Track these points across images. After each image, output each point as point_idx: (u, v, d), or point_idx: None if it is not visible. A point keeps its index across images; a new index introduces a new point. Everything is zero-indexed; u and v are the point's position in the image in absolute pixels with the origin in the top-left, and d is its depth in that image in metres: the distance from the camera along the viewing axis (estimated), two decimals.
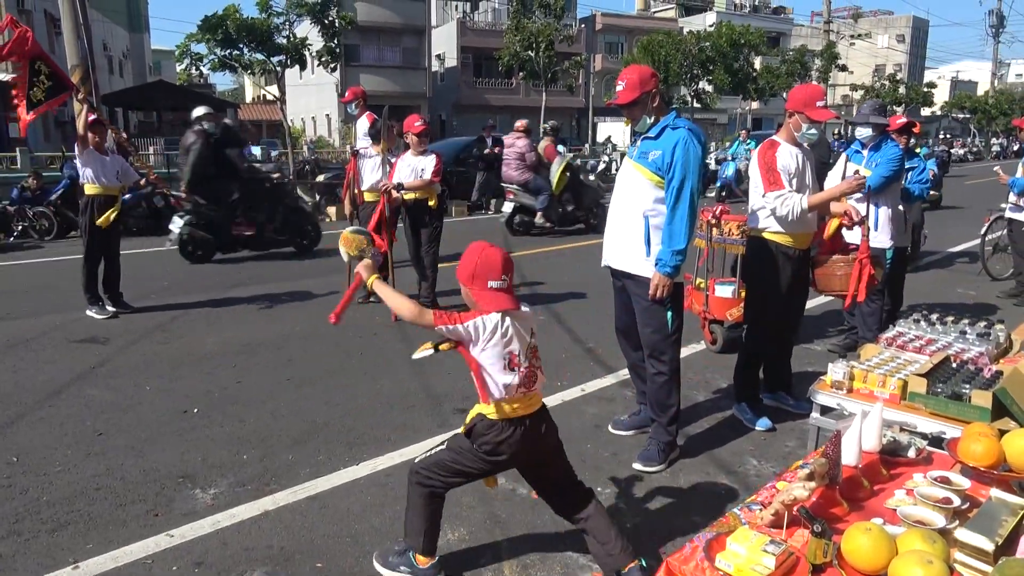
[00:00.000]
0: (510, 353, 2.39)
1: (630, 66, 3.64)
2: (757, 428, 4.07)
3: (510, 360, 2.39)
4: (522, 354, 2.42)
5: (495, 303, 2.36)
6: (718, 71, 26.79)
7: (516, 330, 2.40)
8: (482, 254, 2.40)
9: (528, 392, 2.45)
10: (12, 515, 3.14)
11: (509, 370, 2.38)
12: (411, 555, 2.66)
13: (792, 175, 3.83)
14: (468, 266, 2.40)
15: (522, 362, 2.41)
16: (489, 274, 2.37)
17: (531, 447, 2.50)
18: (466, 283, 2.42)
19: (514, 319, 2.41)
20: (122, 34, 39.88)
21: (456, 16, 41.88)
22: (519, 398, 2.43)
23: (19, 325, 6.10)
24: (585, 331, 6.00)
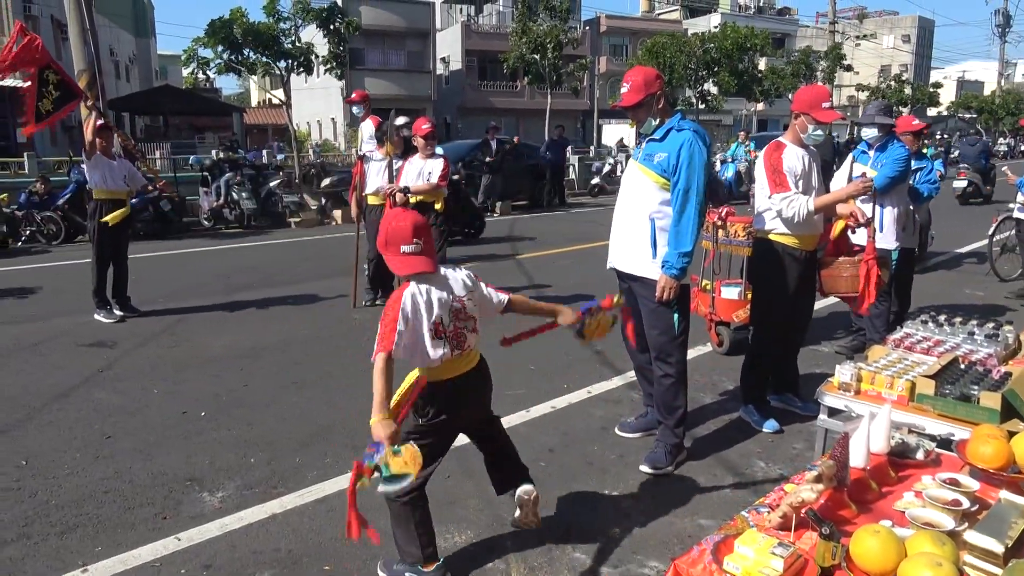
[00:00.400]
0: (434, 323, 2.44)
1: (635, 68, 3.64)
2: (764, 430, 4.06)
3: (435, 330, 2.45)
4: (445, 317, 2.47)
5: (408, 266, 2.43)
6: (723, 73, 26.75)
7: (434, 297, 2.45)
8: (393, 221, 2.46)
9: (461, 354, 2.54)
10: (22, 518, 3.15)
11: (437, 338, 2.45)
12: (417, 566, 2.65)
13: (798, 177, 3.82)
14: (382, 235, 2.48)
15: (447, 326, 2.47)
16: (400, 240, 2.42)
17: (471, 403, 2.66)
18: (382, 251, 2.50)
19: (431, 284, 2.46)
20: (128, 39, 40.07)
21: (460, 19, 41.95)
22: (453, 360, 2.51)
23: (27, 329, 6.13)
24: None
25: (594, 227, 12.65)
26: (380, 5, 35.27)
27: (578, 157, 21.38)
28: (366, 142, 8.19)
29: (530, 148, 17.55)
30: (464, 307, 2.54)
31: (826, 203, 3.85)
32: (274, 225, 13.20)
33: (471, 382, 2.63)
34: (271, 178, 13.79)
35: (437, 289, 2.48)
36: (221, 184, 12.85)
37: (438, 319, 2.46)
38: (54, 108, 5.92)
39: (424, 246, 2.46)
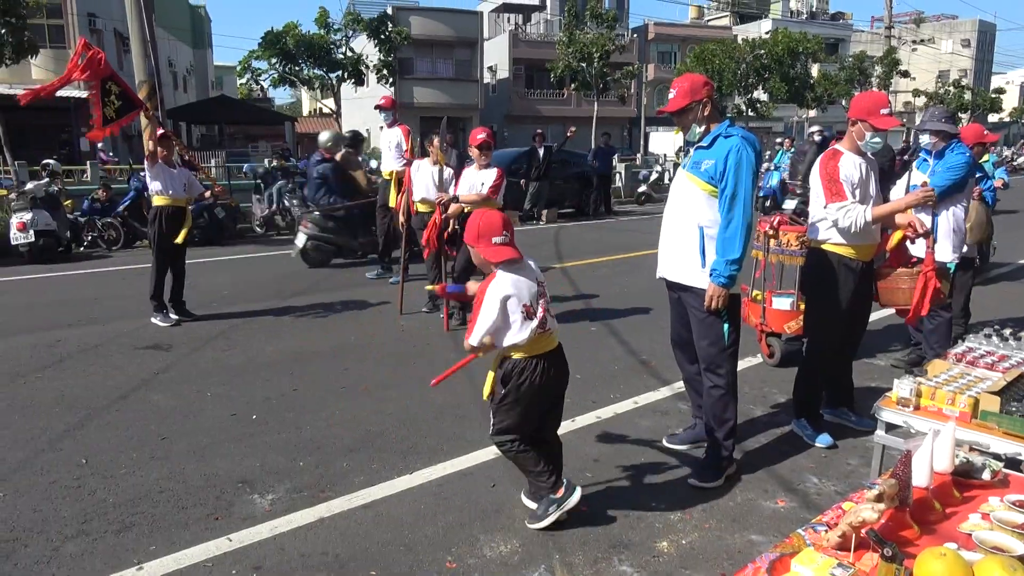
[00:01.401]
0: (524, 306, 2.80)
1: (684, 75, 3.61)
2: (817, 445, 3.95)
3: (526, 311, 2.81)
4: (533, 300, 2.83)
5: (500, 254, 2.80)
6: (774, 79, 26.34)
7: (523, 282, 2.82)
8: (484, 217, 2.87)
9: (544, 332, 2.88)
10: (81, 515, 3.25)
11: (528, 319, 2.81)
12: (549, 497, 3.07)
13: (855, 185, 3.71)
14: (473, 229, 2.85)
15: (536, 308, 2.83)
16: (492, 232, 2.82)
17: (554, 381, 2.97)
18: (474, 243, 2.85)
19: (519, 271, 2.84)
20: (186, 51, 41.32)
21: (508, 28, 42.18)
22: (539, 338, 2.87)
23: (88, 332, 6.34)
24: (638, 343, 5.93)
25: (641, 236, 12.56)
26: (429, 15, 35.69)
27: (625, 165, 21.26)
28: (389, 150, 8.26)
29: (576, 156, 17.51)
30: (544, 291, 2.92)
31: (884, 213, 3.74)
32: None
33: (554, 360, 2.97)
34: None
35: (525, 275, 2.85)
36: (273, 192, 13.13)
37: (529, 302, 2.81)
38: (116, 116, 6.18)
39: (511, 238, 2.84)
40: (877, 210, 3.71)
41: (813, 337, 4.10)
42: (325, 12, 15.47)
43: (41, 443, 4.01)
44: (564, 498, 3.08)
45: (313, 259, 9.58)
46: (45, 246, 10.11)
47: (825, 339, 4.00)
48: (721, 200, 3.31)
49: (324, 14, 15.47)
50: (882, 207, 3.76)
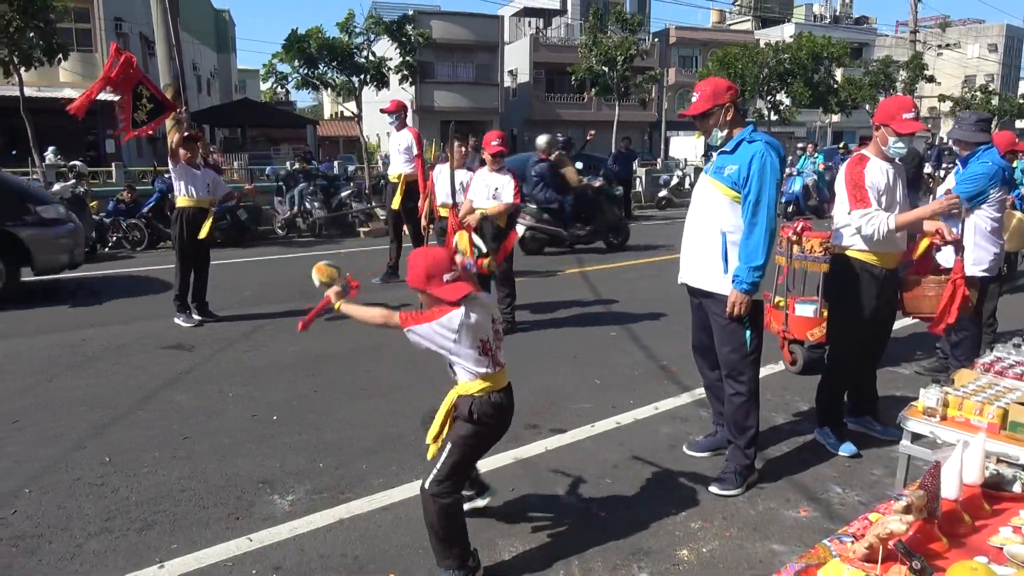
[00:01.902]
0: (481, 341, 2.61)
1: (707, 78, 3.59)
2: (840, 454, 3.90)
3: (482, 347, 2.62)
4: (491, 339, 2.65)
5: (456, 292, 2.55)
6: (797, 84, 26.12)
7: (480, 317, 2.60)
8: (425, 258, 2.62)
9: (500, 370, 2.70)
10: (104, 513, 3.29)
11: (484, 355, 2.63)
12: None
13: (881, 192, 3.66)
14: (419, 270, 2.59)
15: (492, 345, 2.65)
16: (441, 270, 2.57)
17: (507, 417, 2.77)
18: (423, 286, 2.59)
19: (476, 305, 2.61)
20: (210, 55, 41.80)
21: (529, 32, 42.25)
22: (495, 374, 2.67)
23: (113, 331, 6.42)
24: (658, 348, 5.90)
25: (660, 240, 12.51)
26: (450, 19, 35.86)
27: (645, 169, 21.19)
28: (398, 153, 8.28)
29: (596, 160, 17.47)
30: (498, 327, 2.72)
31: (909, 220, 3.68)
32: (344, 234, 13.50)
33: (506, 399, 2.75)
34: (342, 188, 14.12)
35: (482, 310, 2.63)
36: (295, 194, 13.24)
37: (485, 337, 2.63)
38: (148, 119, 6.28)
39: (461, 272, 2.61)
40: (901, 217, 3.64)
41: (836, 344, 4.05)
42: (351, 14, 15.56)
43: (66, 441, 4.06)
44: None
45: (530, 247, 10.85)
46: None
47: (848, 347, 3.95)
48: (744, 206, 3.28)
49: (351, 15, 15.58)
50: (906, 214, 3.70)
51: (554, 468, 3.75)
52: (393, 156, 8.50)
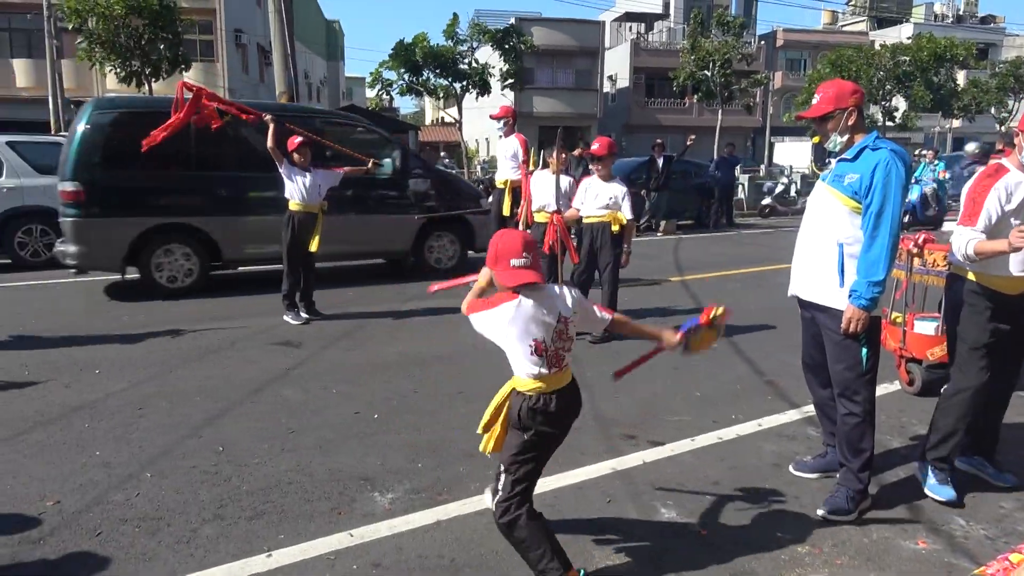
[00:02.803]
0: (533, 341, 2.50)
1: (832, 80, 3.42)
2: (933, 496, 3.45)
3: (535, 347, 2.51)
4: (548, 339, 2.52)
5: (516, 278, 2.47)
6: (916, 87, 24.70)
7: (534, 311, 2.50)
8: (503, 238, 2.58)
9: (558, 372, 2.58)
10: (217, 500, 3.45)
11: (536, 354, 2.51)
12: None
13: (1013, 210, 3.23)
14: (492, 250, 2.57)
15: (548, 347, 2.53)
16: (510, 254, 2.50)
17: (561, 421, 2.63)
18: (491, 266, 2.58)
19: (536, 297, 2.51)
20: (321, 63, 43.65)
21: (630, 37, 41.87)
22: (549, 376, 2.56)
23: (228, 327, 6.77)
24: (763, 362, 5.69)
25: (765, 250, 12.09)
26: (551, 25, 36.00)
27: (748, 176, 20.56)
28: (505, 159, 8.31)
29: (697, 166, 17.11)
30: (567, 328, 2.58)
31: (988, 251, 3.18)
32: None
33: (566, 398, 2.63)
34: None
35: (542, 307, 2.53)
36: None
37: (540, 338, 2.52)
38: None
39: (532, 261, 2.52)
40: (980, 245, 3.18)
41: (955, 377, 3.56)
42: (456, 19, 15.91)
43: (184, 429, 4.30)
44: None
45: None
46: None
47: (966, 380, 3.47)
48: (865, 217, 3.10)
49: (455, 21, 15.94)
50: (986, 244, 3.18)
51: (652, 481, 3.67)
52: (500, 162, 8.59)
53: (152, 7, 13.51)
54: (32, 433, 4.22)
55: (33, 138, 11.33)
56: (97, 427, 4.32)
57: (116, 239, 7.72)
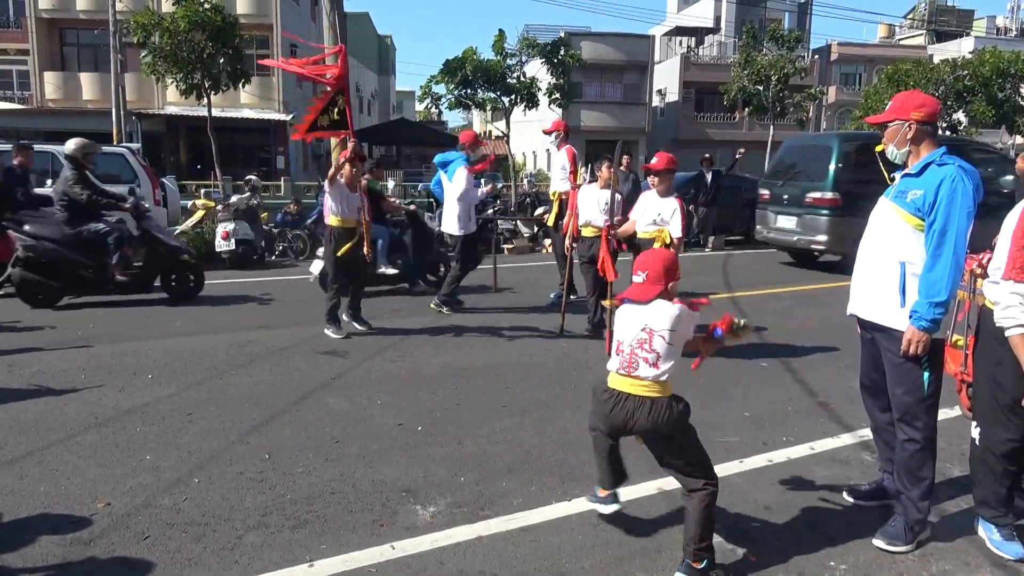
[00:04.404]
0: (617, 341, 2.98)
1: (910, 91, 3.30)
2: (1000, 553, 3.16)
3: (616, 346, 2.98)
4: (627, 343, 2.92)
5: (630, 293, 2.98)
6: (977, 102, 23.94)
7: (627, 320, 2.96)
8: (649, 255, 3.07)
9: (628, 374, 2.91)
10: (262, 507, 3.47)
11: (615, 354, 2.98)
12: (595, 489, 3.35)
13: None
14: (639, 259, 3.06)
15: (624, 349, 2.92)
16: (637, 268, 3.00)
17: (617, 420, 2.94)
18: (672, 281, 3.02)
19: (633, 310, 2.95)
20: (372, 77, 44.42)
21: (680, 51, 41.59)
22: (618, 376, 2.95)
23: (276, 335, 6.87)
24: (815, 383, 5.52)
25: (818, 267, 11.81)
26: (601, 40, 36.02)
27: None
28: (560, 171, 8.32)
29: (747, 181, 16.83)
30: (650, 339, 2.88)
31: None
32: (488, 251, 13.76)
33: (627, 404, 2.91)
34: (488, 206, 14.44)
35: (637, 316, 2.93)
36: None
37: (621, 339, 2.95)
38: (327, 127, 6.60)
39: (650, 280, 2.94)
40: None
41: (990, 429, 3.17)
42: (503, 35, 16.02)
43: (231, 435, 4.36)
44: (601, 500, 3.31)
45: None
46: (244, 254, 11.16)
47: (1007, 432, 3.11)
48: (928, 235, 2.98)
49: (501, 36, 16.05)
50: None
51: None
52: (553, 174, 8.63)
53: (215, 22, 13.92)
54: (86, 435, 4.32)
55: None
56: (148, 431, 4.40)
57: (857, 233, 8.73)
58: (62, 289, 7.98)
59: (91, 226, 7.89)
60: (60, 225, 7.84)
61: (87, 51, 28.45)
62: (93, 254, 7.90)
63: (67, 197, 7.78)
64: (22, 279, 7.75)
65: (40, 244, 7.71)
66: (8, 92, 29.59)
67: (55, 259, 7.78)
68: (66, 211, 7.81)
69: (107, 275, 7.96)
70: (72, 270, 7.88)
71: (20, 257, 7.71)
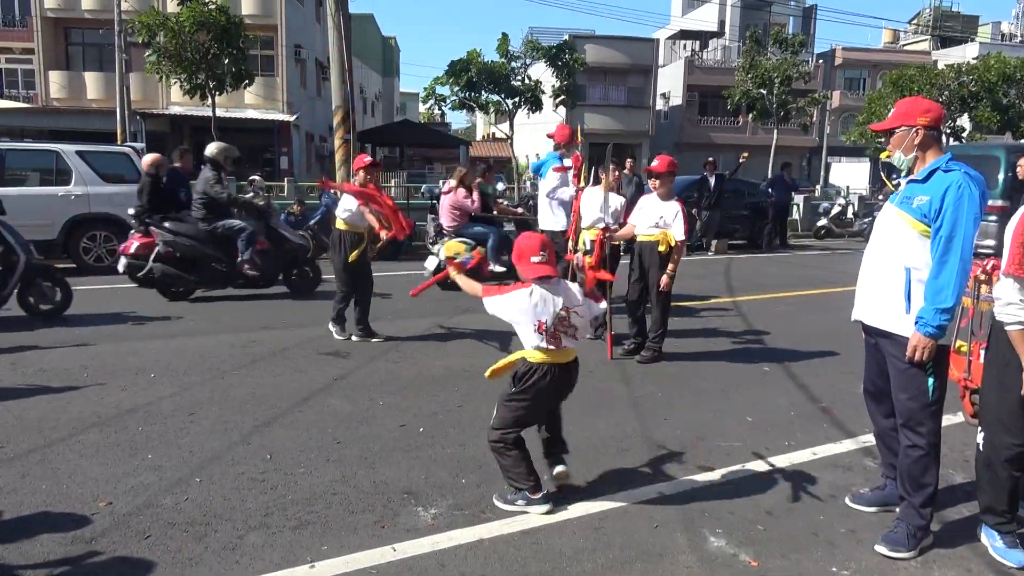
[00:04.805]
0: (538, 321, 3.23)
1: (913, 97, 3.30)
2: (1003, 561, 3.14)
3: (538, 326, 3.24)
4: (549, 321, 3.23)
5: (536, 271, 3.23)
6: (982, 107, 23.91)
7: (543, 299, 3.23)
8: (526, 239, 3.32)
9: (556, 348, 3.29)
10: (264, 508, 3.47)
11: (539, 333, 3.25)
12: (525, 494, 3.44)
13: None
14: (516, 249, 3.32)
15: (548, 328, 3.24)
16: (530, 252, 3.25)
17: (555, 390, 3.42)
18: (516, 263, 3.32)
19: (547, 288, 3.25)
20: (376, 78, 44.47)
21: (684, 55, 41.61)
22: (553, 351, 3.30)
23: (278, 335, 6.88)
24: (817, 388, 5.51)
25: (821, 272, 11.80)
26: (605, 43, 36.04)
27: (803, 196, 20.14)
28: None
29: (750, 185, 16.84)
30: (568, 316, 3.27)
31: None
32: None
33: (560, 374, 3.36)
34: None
35: (549, 295, 3.25)
36: None
37: (544, 319, 3.22)
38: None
39: (548, 258, 3.25)
40: None
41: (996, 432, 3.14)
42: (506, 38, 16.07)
43: (233, 436, 4.36)
44: (537, 502, 3.44)
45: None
46: None
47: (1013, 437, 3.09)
48: (934, 241, 2.97)
49: (505, 40, 16.09)
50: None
51: (701, 508, 3.57)
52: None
53: (219, 23, 13.94)
54: (88, 434, 4.32)
55: (100, 148, 11.78)
56: (150, 430, 4.41)
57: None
58: (196, 282, 8.50)
59: (226, 223, 8.44)
60: (196, 222, 8.39)
61: (92, 50, 28.50)
62: (226, 249, 8.45)
63: (207, 196, 8.30)
64: (163, 273, 8.30)
65: (178, 240, 8.28)
66: (13, 91, 29.66)
67: (192, 254, 8.36)
68: (203, 209, 8.36)
69: (237, 270, 8.50)
70: (207, 265, 8.44)
71: (160, 252, 8.27)
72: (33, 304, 7.31)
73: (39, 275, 7.30)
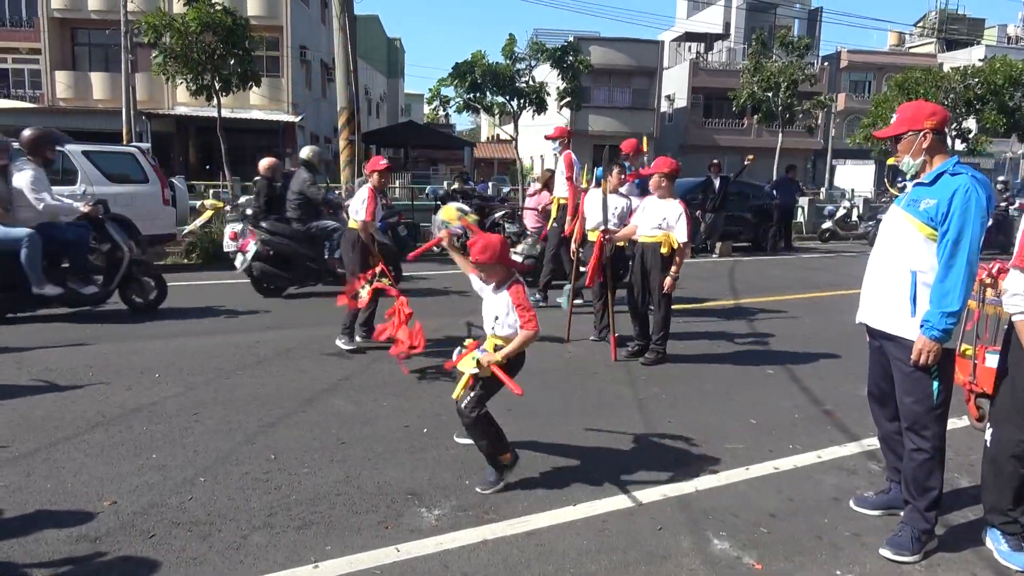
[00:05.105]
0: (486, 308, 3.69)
1: (916, 101, 3.30)
2: (1007, 563, 3.13)
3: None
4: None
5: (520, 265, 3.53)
6: (988, 110, 23.81)
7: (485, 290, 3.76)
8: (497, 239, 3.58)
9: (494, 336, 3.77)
10: (267, 508, 3.48)
11: None
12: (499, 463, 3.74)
13: None
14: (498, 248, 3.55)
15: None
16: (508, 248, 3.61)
17: None
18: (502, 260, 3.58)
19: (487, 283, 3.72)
20: (381, 79, 44.53)
21: (689, 57, 41.59)
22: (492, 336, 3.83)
23: (283, 336, 6.88)
24: (822, 391, 5.50)
25: (823, 275, 11.78)
26: (610, 45, 36.06)
27: (808, 199, 20.11)
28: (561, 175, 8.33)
29: (755, 188, 16.81)
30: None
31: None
32: None
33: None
34: (496, 209, 14.47)
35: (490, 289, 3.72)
36: None
37: None
38: None
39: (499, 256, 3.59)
40: None
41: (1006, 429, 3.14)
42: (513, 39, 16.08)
43: (238, 436, 4.37)
44: (513, 462, 3.79)
45: None
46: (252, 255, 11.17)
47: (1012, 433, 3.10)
48: (941, 245, 2.97)
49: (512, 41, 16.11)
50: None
51: (705, 510, 3.56)
52: (558, 179, 8.64)
53: (225, 24, 13.96)
54: (93, 433, 4.34)
55: (106, 148, 11.80)
56: (155, 430, 4.42)
57: None
58: (289, 280, 8.83)
59: (320, 223, 8.70)
60: (291, 222, 8.66)
61: (98, 51, 28.60)
62: (317, 248, 8.71)
63: (303, 196, 8.57)
64: (261, 271, 8.70)
65: (274, 239, 8.56)
66: (20, 91, 29.78)
67: (287, 253, 8.64)
68: (298, 209, 8.62)
69: (327, 268, 8.73)
70: (301, 263, 8.71)
71: (258, 251, 8.58)
72: (131, 298, 7.70)
73: (139, 270, 7.75)
